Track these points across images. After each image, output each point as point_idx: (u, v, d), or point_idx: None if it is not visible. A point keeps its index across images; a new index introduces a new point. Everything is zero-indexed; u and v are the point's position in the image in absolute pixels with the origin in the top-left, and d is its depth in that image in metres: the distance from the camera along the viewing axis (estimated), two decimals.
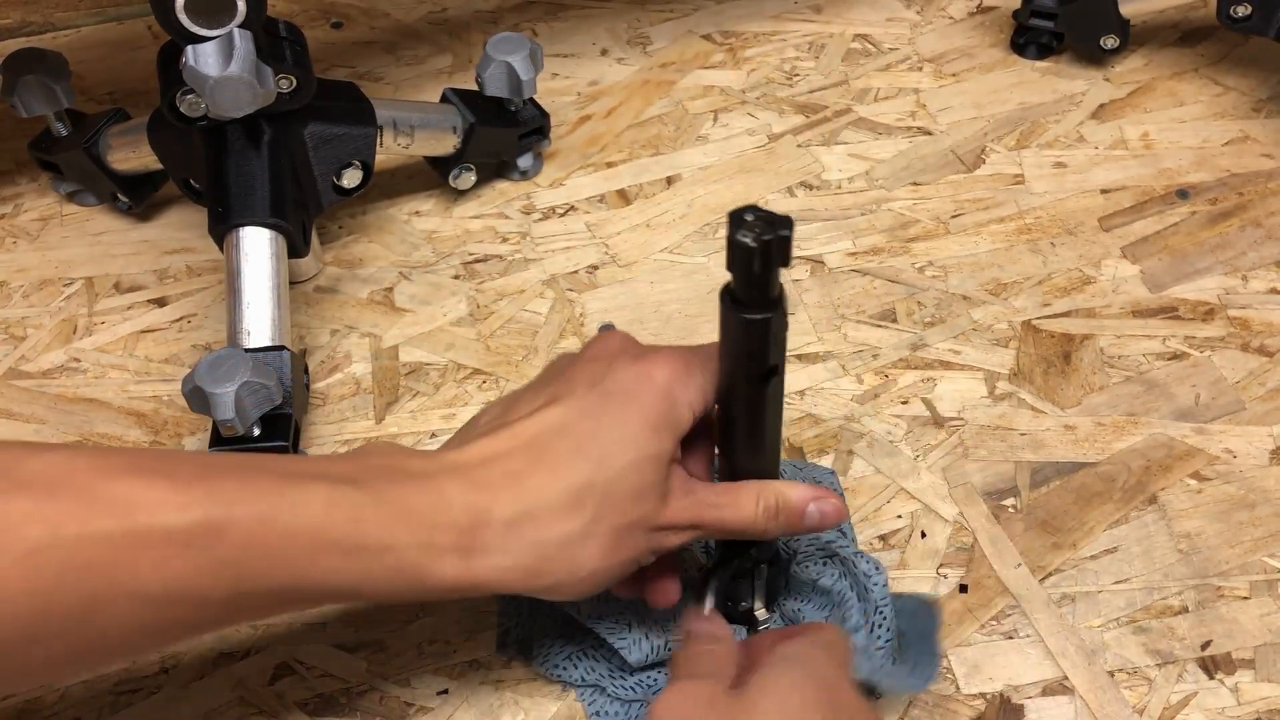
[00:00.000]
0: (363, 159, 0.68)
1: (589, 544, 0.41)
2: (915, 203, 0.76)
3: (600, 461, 0.41)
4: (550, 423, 0.42)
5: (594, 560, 0.42)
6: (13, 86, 0.72)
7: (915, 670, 0.50)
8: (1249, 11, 0.77)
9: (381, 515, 0.39)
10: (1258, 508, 0.59)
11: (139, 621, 0.37)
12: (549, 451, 0.42)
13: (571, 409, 0.42)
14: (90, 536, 0.35)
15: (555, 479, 0.41)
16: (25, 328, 0.71)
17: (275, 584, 0.38)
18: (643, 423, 0.42)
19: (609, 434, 0.42)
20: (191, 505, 0.36)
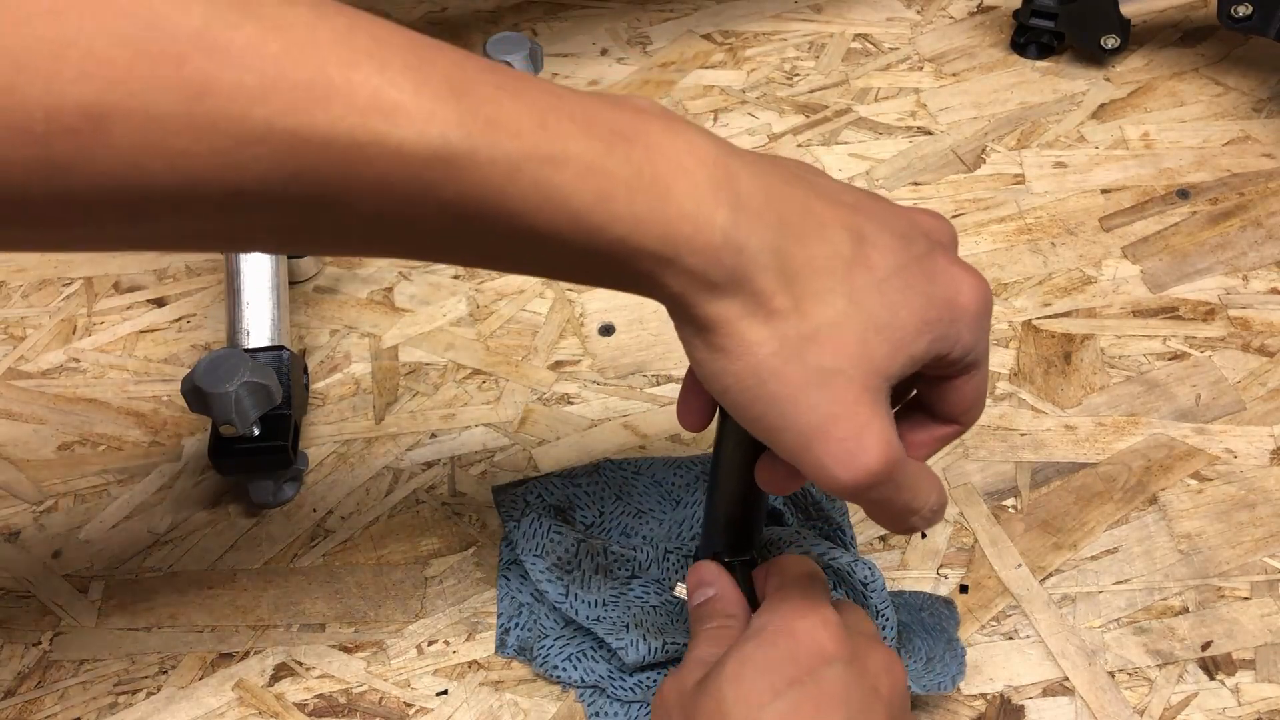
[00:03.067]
0: None
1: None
2: (915, 203, 0.76)
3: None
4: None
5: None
6: None
7: (930, 665, 0.50)
8: (1249, 11, 0.77)
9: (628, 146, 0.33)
10: (1258, 508, 0.59)
11: (341, 229, 0.32)
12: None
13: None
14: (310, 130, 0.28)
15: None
16: (24, 328, 0.71)
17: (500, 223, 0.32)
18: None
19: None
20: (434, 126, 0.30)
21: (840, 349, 0.35)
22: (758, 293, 0.34)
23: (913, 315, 0.36)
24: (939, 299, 0.37)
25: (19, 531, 0.60)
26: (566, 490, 0.58)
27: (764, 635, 0.41)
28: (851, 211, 0.37)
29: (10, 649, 0.56)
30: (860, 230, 0.36)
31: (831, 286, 0.35)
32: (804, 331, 0.35)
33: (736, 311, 0.35)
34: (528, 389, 0.66)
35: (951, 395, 0.41)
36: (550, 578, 0.54)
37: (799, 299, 0.35)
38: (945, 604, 0.54)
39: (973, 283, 0.38)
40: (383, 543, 0.59)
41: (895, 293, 0.36)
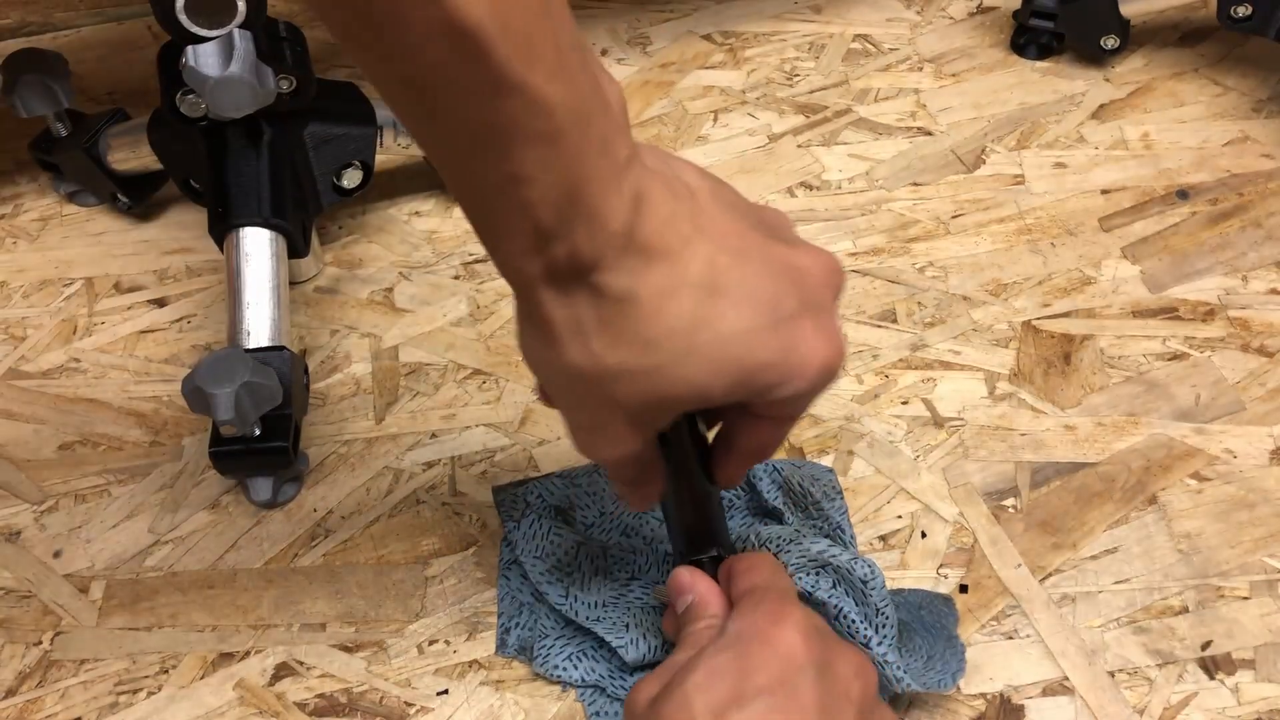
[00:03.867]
0: (363, 159, 0.69)
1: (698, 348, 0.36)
2: (915, 203, 0.76)
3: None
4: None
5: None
6: (13, 86, 0.72)
7: (930, 663, 0.50)
8: (1249, 11, 0.77)
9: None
10: (1258, 508, 0.59)
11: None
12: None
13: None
14: None
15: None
16: (25, 328, 0.71)
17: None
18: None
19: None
20: None
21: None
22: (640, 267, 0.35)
23: (726, 376, 0.37)
24: (776, 359, 0.37)
25: (20, 531, 0.60)
26: (566, 490, 0.59)
27: (738, 646, 0.41)
28: (727, 254, 0.36)
29: (11, 649, 0.56)
30: (720, 278, 0.36)
31: (642, 328, 0.36)
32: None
33: (639, 279, 0.35)
34: (528, 389, 0.66)
35: (748, 432, 0.43)
36: (550, 579, 0.54)
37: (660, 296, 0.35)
38: (944, 601, 0.54)
39: (821, 349, 0.38)
40: (383, 542, 0.59)
41: (722, 345, 0.36)
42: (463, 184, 0.34)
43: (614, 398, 0.37)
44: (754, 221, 0.39)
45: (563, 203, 0.33)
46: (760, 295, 0.36)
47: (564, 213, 0.33)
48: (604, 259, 0.34)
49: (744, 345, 0.36)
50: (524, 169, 0.32)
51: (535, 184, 0.32)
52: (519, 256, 0.35)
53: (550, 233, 0.34)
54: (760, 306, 0.36)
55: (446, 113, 0.32)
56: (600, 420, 0.39)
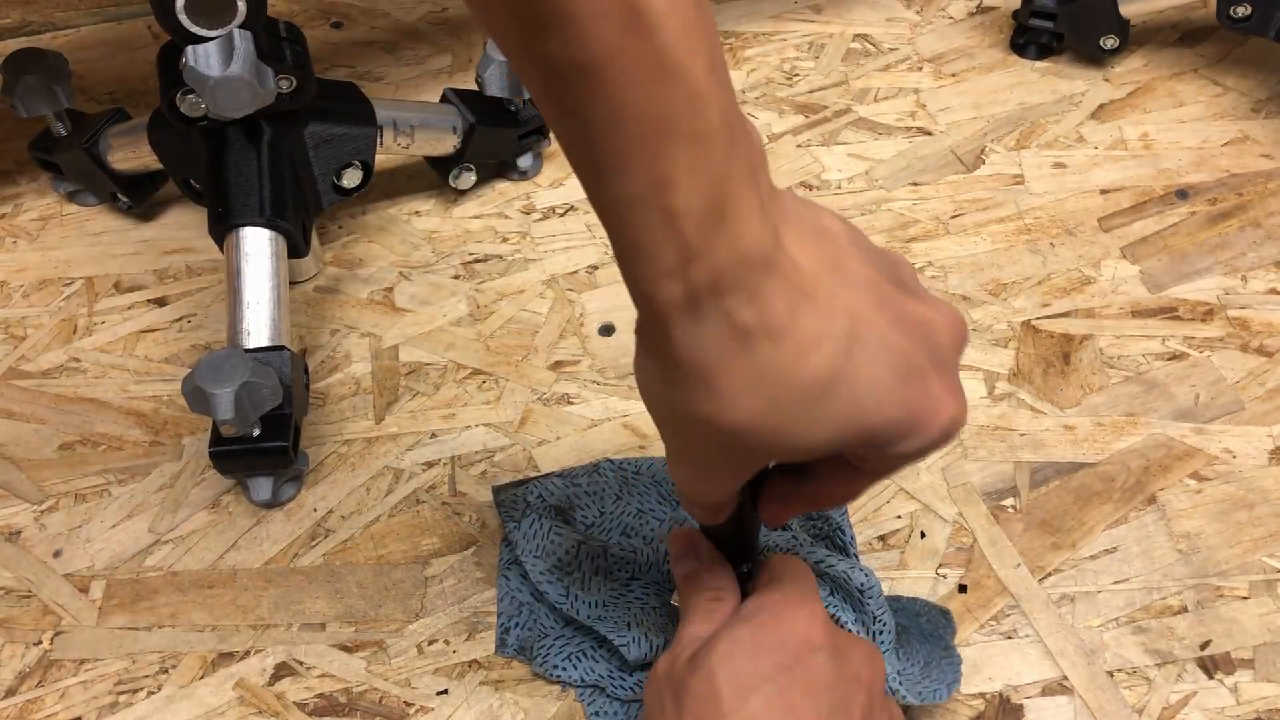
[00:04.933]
0: (363, 159, 0.69)
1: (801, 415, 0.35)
2: (915, 203, 0.76)
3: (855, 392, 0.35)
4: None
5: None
6: (13, 86, 0.72)
7: (928, 670, 0.50)
8: (1249, 12, 0.77)
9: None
10: (1257, 508, 0.59)
11: None
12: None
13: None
14: None
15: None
16: (25, 327, 0.71)
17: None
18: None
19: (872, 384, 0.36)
20: None
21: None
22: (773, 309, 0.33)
23: (845, 430, 0.35)
24: (899, 419, 0.36)
25: (20, 531, 0.60)
26: (566, 490, 0.59)
27: (755, 620, 0.42)
28: (865, 305, 0.35)
29: (11, 648, 0.56)
30: (859, 330, 0.35)
31: (759, 379, 0.34)
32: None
33: (777, 315, 0.34)
34: (528, 389, 0.66)
35: (839, 481, 0.41)
36: (550, 579, 0.54)
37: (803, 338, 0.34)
38: (942, 613, 0.53)
39: (947, 409, 0.37)
40: (383, 542, 0.59)
41: (856, 402, 0.35)
42: (609, 192, 0.33)
43: (734, 446, 0.36)
44: (889, 273, 0.38)
45: (707, 216, 0.32)
46: (893, 350, 0.35)
47: (709, 228, 0.32)
48: (747, 289, 0.33)
49: (875, 402, 0.35)
50: (673, 171, 0.31)
51: (682, 190, 0.31)
52: (659, 279, 0.33)
53: (693, 250, 0.32)
54: (893, 362, 0.35)
55: (605, 100, 0.31)
56: (710, 463, 0.38)
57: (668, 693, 0.42)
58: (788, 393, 0.34)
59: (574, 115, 0.32)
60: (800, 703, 0.40)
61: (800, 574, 0.46)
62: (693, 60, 0.30)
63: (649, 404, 0.38)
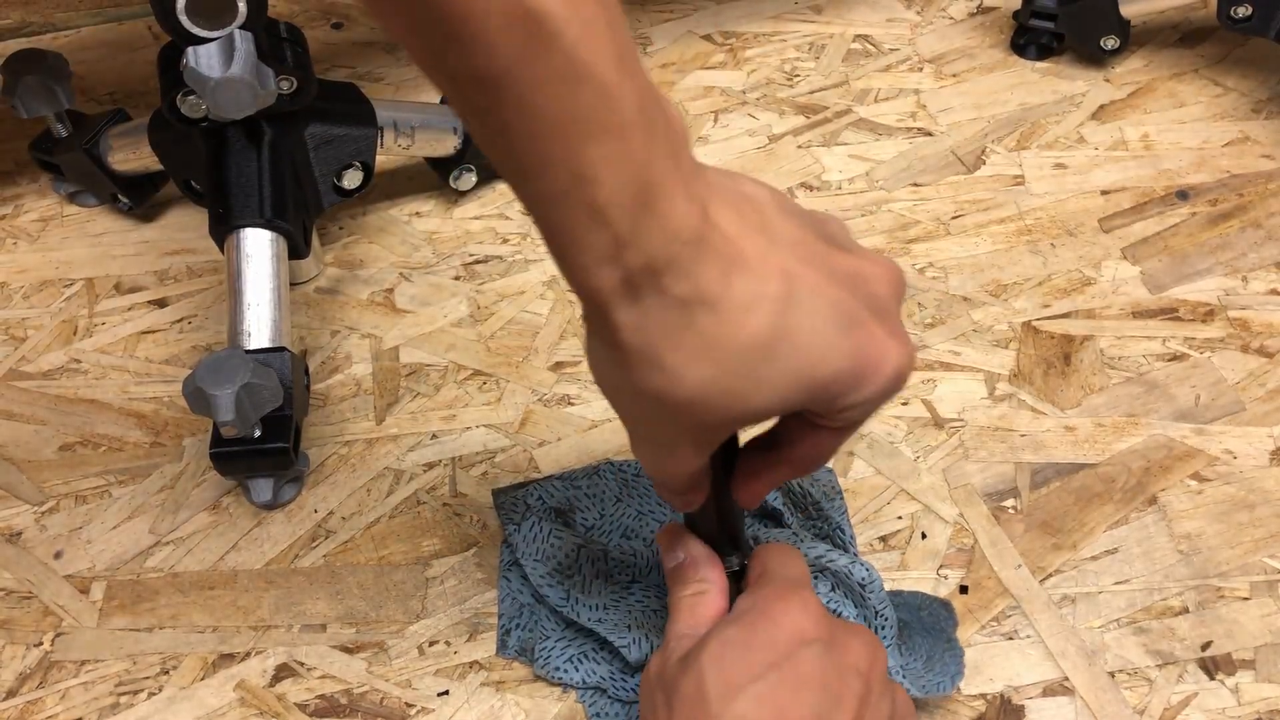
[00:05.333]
0: (363, 160, 0.69)
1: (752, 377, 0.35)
2: (915, 204, 0.76)
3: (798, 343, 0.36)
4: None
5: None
6: (13, 87, 0.72)
7: (930, 664, 0.50)
8: (1249, 12, 0.77)
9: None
10: (1258, 508, 0.59)
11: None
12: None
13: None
14: None
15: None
16: (26, 329, 0.71)
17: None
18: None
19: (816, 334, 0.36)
20: None
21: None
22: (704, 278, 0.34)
23: (795, 389, 0.36)
24: (844, 368, 0.36)
25: (20, 532, 0.60)
26: (567, 492, 0.59)
27: (745, 618, 0.42)
28: (797, 263, 0.36)
29: (12, 650, 0.56)
30: (793, 287, 0.35)
31: (705, 344, 0.35)
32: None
33: (708, 284, 0.34)
34: (528, 390, 0.66)
35: (807, 441, 0.41)
36: (551, 582, 0.54)
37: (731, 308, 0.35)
38: (943, 606, 0.54)
39: (893, 354, 0.37)
40: (384, 543, 0.59)
41: (800, 355, 0.36)
42: (534, 191, 0.33)
43: (691, 419, 0.36)
44: (817, 230, 0.38)
45: (634, 204, 0.32)
46: (830, 303, 0.36)
47: (636, 215, 0.33)
48: (681, 265, 0.34)
49: (819, 355, 0.36)
50: (594, 168, 0.32)
51: (605, 184, 0.32)
52: (593, 268, 0.34)
53: (623, 238, 0.33)
54: (832, 315, 0.36)
55: (517, 108, 0.31)
56: (670, 439, 0.39)
57: (659, 694, 0.42)
58: (733, 357, 0.35)
59: (487, 122, 0.32)
60: (789, 700, 0.40)
61: (790, 564, 0.46)
62: (598, 59, 0.31)
63: (603, 389, 0.38)
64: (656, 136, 0.33)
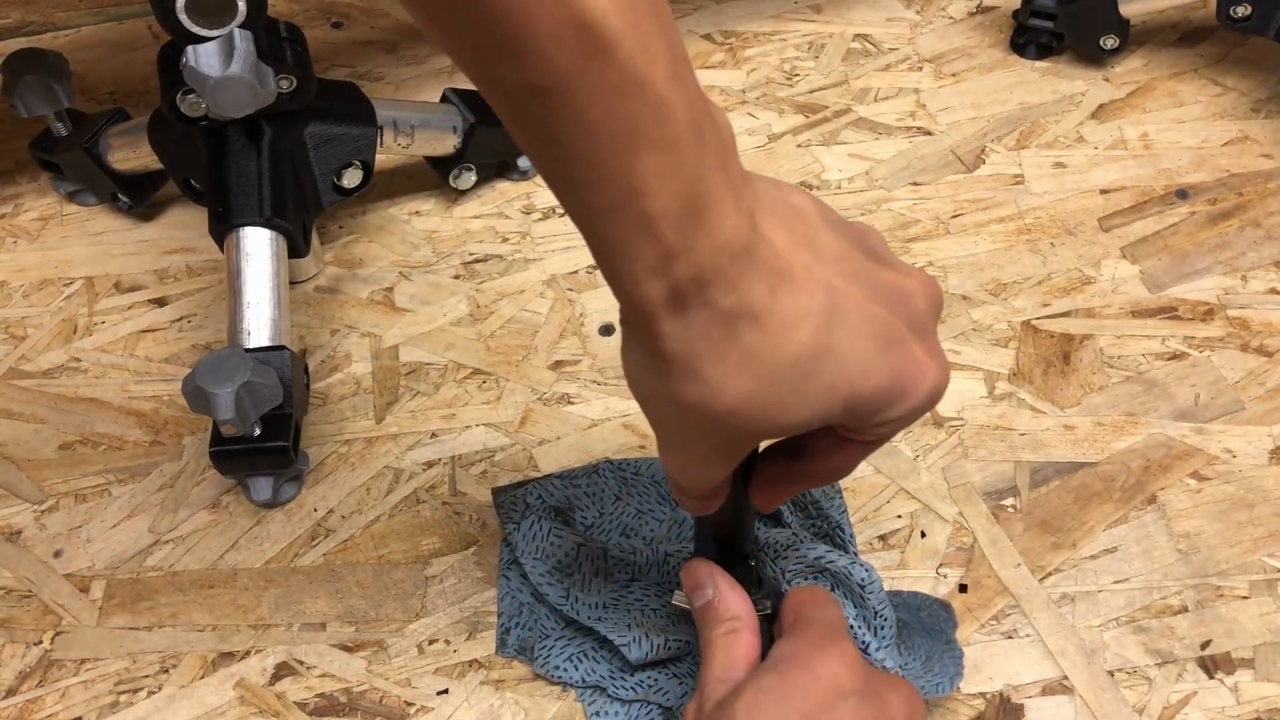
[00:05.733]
0: (363, 159, 0.69)
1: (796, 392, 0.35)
2: (915, 203, 0.76)
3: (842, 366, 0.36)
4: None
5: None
6: (13, 86, 0.72)
7: (928, 665, 0.50)
8: (1248, 11, 0.77)
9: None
10: (1257, 507, 0.59)
11: None
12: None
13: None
14: None
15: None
16: (25, 327, 0.71)
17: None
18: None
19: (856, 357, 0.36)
20: None
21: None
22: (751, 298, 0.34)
23: (832, 403, 0.36)
24: (881, 385, 0.36)
25: (20, 531, 0.60)
26: (566, 491, 0.59)
27: (782, 667, 0.42)
28: (840, 278, 0.36)
29: (12, 648, 0.56)
30: (836, 302, 0.35)
31: (751, 359, 0.35)
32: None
33: (755, 299, 0.34)
34: (528, 389, 0.66)
35: (834, 454, 0.41)
36: (550, 581, 0.54)
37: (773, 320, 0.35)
38: (943, 607, 0.54)
39: (930, 373, 0.37)
40: (383, 542, 0.59)
41: (841, 372, 0.36)
42: (584, 202, 0.33)
43: (727, 431, 0.36)
44: (859, 244, 0.38)
45: (684, 216, 0.32)
46: (872, 320, 0.36)
47: (685, 228, 0.32)
48: (729, 278, 0.33)
49: (859, 373, 0.36)
50: (645, 180, 0.32)
51: (656, 196, 0.32)
52: (642, 279, 0.33)
53: (673, 250, 0.33)
54: (873, 332, 0.36)
55: (570, 119, 0.31)
56: (703, 451, 0.38)
57: None
58: (775, 371, 0.34)
59: (539, 134, 0.32)
60: None
61: (828, 611, 0.45)
62: (653, 70, 0.31)
63: (638, 395, 0.38)
64: (707, 147, 0.32)
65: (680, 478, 0.41)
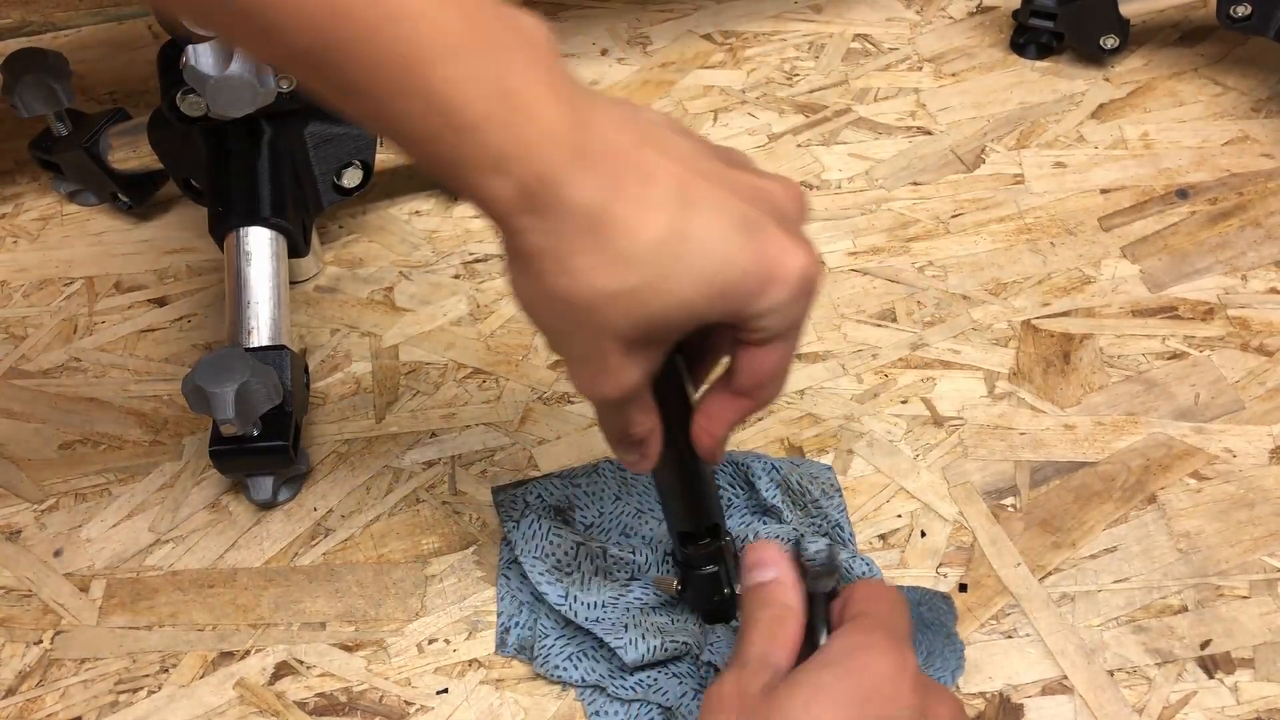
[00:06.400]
0: (363, 158, 0.69)
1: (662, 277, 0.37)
2: (915, 203, 0.76)
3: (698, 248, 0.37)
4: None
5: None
6: (13, 86, 0.72)
7: (929, 660, 0.50)
8: (1249, 11, 0.77)
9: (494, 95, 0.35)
10: (1257, 507, 0.59)
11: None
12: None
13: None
14: None
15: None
16: (26, 327, 0.71)
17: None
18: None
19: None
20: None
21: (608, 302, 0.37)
22: (568, 215, 0.36)
23: (705, 286, 0.37)
24: (750, 268, 0.38)
25: (20, 530, 0.60)
26: (566, 490, 0.59)
27: (842, 667, 0.40)
28: (691, 173, 0.37)
29: (12, 648, 0.56)
30: (689, 193, 0.37)
31: (639, 242, 0.36)
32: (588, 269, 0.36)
33: (549, 229, 0.36)
34: (528, 388, 0.66)
35: (746, 364, 0.42)
36: (550, 580, 0.54)
37: (601, 240, 0.36)
38: (943, 599, 0.54)
39: (798, 257, 0.38)
40: (383, 541, 0.59)
41: (703, 256, 0.37)
42: (407, 134, 0.35)
43: (605, 323, 0.37)
44: (716, 153, 0.40)
45: (501, 115, 0.34)
46: (728, 209, 0.37)
47: (509, 126, 0.34)
48: (573, 173, 0.35)
49: (722, 255, 0.37)
50: (448, 92, 0.34)
51: (466, 103, 0.34)
52: (484, 182, 0.35)
53: (503, 151, 0.34)
54: (732, 220, 0.37)
55: (351, 67, 0.33)
56: (595, 351, 0.39)
57: (737, 717, 0.40)
58: (635, 256, 0.36)
59: (334, 89, 0.35)
60: None
61: (896, 614, 0.43)
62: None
63: (522, 306, 0.39)
64: (508, 50, 0.34)
65: (589, 390, 0.41)
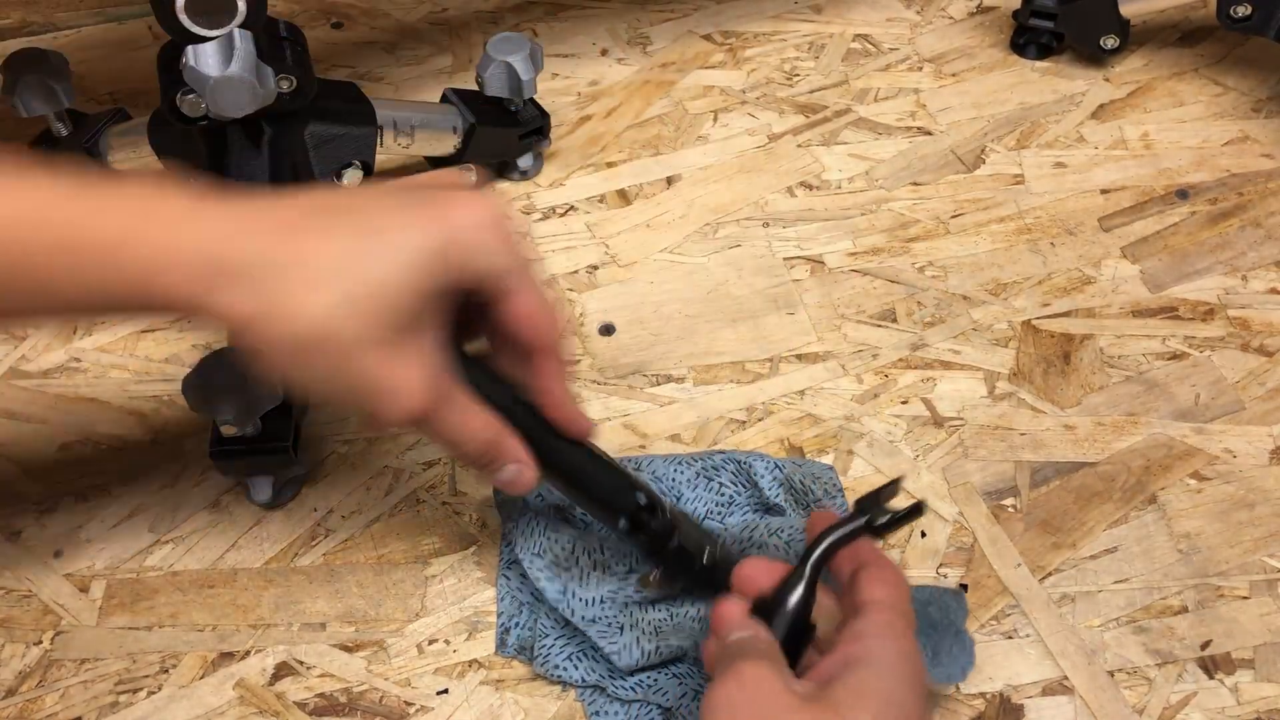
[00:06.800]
0: (363, 159, 0.69)
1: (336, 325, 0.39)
2: (915, 203, 0.76)
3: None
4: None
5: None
6: (13, 86, 0.72)
7: (936, 659, 0.50)
8: (1249, 11, 0.77)
9: (120, 212, 0.40)
10: (1257, 507, 0.59)
11: None
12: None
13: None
14: None
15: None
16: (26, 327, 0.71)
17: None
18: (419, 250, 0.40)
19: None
20: None
21: (337, 322, 0.39)
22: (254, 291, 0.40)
23: (400, 255, 0.39)
24: (430, 228, 0.39)
25: (20, 531, 0.60)
26: None
27: (882, 665, 0.40)
28: (343, 210, 0.40)
29: (12, 648, 0.56)
30: (353, 216, 0.40)
31: (314, 276, 0.39)
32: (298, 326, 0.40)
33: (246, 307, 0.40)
34: None
35: (510, 319, 0.43)
36: (548, 575, 0.54)
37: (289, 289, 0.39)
38: (954, 596, 0.53)
39: (467, 201, 0.40)
40: (383, 542, 0.59)
41: (382, 247, 0.39)
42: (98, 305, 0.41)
43: (340, 335, 0.39)
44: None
45: (140, 291, 0.40)
46: (399, 208, 0.41)
47: (164, 283, 0.40)
48: (238, 282, 0.40)
49: (406, 234, 0.40)
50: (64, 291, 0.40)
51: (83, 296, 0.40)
52: (169, 284, 0.40)
53: (177, 295, 0.40)
54: (398, 203, 0.41)
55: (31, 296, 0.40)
56: (356, 369, 0.40)
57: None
58: (324, 269, 0.39)
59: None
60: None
61: (903, 601, 0.43)
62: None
63: (277, 374, 0.42)
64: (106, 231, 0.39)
65: (389, 413, 0.42)
